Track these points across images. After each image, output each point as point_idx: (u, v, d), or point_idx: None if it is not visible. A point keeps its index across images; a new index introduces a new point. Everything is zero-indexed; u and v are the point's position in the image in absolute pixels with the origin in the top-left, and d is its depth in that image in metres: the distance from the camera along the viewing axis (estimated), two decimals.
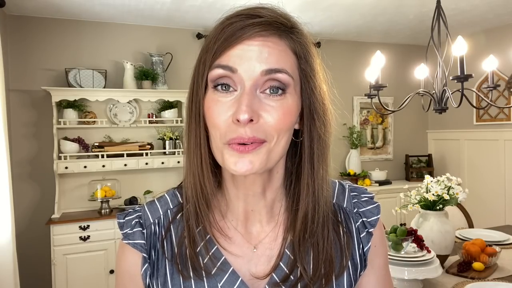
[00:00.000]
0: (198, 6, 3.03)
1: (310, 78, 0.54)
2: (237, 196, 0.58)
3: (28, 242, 3.09)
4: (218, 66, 0.50)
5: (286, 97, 0.51)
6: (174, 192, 0.63)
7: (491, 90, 1.97)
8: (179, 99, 3.38)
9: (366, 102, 4.22)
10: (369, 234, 0.62)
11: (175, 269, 0.57)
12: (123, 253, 0.60)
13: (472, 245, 1.76)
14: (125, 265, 0.60)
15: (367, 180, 4.00)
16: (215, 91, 0.51)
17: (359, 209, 0.63)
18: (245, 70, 0.49)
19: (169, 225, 0.59)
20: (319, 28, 3.71)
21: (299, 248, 0.56)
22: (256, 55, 0.49)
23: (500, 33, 3.67)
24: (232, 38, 0.50)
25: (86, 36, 3.30)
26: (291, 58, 0.52)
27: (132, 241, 0.58)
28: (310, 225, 0.56)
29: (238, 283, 0.55)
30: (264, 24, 0.50)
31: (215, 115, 0.50)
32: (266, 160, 0.50)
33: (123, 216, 0.61)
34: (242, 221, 0.59)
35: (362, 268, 0.62)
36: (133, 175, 3.41)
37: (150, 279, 0.58)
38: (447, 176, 1.77)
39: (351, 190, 0.65)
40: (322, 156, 0.55)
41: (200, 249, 0.56)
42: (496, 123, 3.76)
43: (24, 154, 3.13)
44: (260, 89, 0.50)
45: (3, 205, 2.41)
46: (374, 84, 2.01)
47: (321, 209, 0.56)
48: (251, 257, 0.58)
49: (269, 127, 0.50)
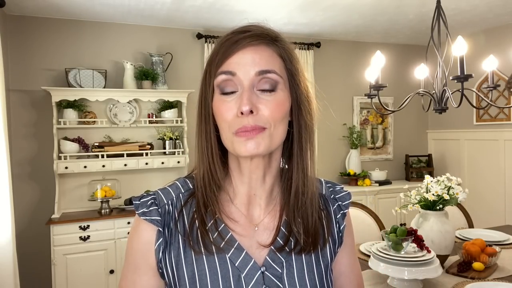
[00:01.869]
0: (198, 6, 3.03)
1: (295, 76, 0.66)
2: (242, 181, 0.69)
3: (28, 242, 3.09)
4: (221, 72, 0.63)
5: (277, 93, 0.63)
6: (185, 180, 0.72)
7: (491, 90, 1.97)
8: (179, 99, 3.38)
9: (366, 102, 4.22)
10: (343, 215, 0.76)
11: (187, 244, 0.65)
12: (138, 230, 0.67)
13: (472, 245, 1.76)
14: (138, 242, 0.67)
15: (367, 180, 4.00)
16: (221, 95, 0.63)
17: (335, 195, 0.77)
18: (243, 73, 0.61)
19: (181, 208, 0.68)
20: (319, 28, 3.71)
21: (294, 217, 0.68)
22: (250, 61, 0.62)
23: (500, 33, 3.67)
24: (229, 50, 0.62)
25: (86, 36, 3.30)
26: (278, 61, 0.64)
27: (149, 217, 0.66)
28: (301, 197, 0.68)
29: (244, 255, 0.65)
30: (253, 36, 0.63)
31: (223, 111, 0.62)
32: (269, 143, 0.62)
33: (138, 198, 0.69)
34: (245, 204, 0.69)
35: (339, 244, 0.75)
36: (133, 175, 3.41)
37: (163, 253, 0.65)
38: (447, 176, 1.77)
39: (326, 182, 0.79)
40: (309, 139, 0.68)
41: (210, 227, 0.65)
42: (496, 123, 3.77)
43: (24, 154, 3.13)
44: (256, 87, 0.62)
45: (3, 205, 2.41)
46: (374, 84, 2.01)
47: (310, 183, 0.68)
48: (253, 235, 0.68)
49: (266, 117, 0.61)
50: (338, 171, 4.18)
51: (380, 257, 1.56)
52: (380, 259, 1.56)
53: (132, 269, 0.67)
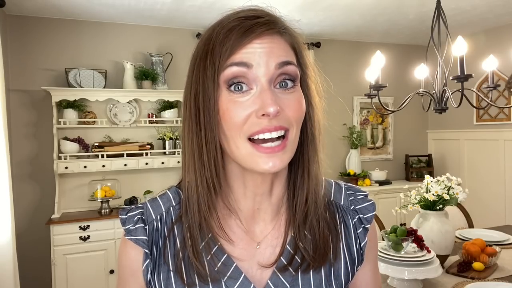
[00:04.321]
0: (198, 6, 3.03)
1: (307, 71, 0.58)
2: (244, 195, 0.59)
3: (28, 242, 3.09)
4: (232, 64, 0.51)
5: (296, 89, 0.54)
6: (176, 190, 0.63)
7: (491, 90, 1.97)
8: (179, 99, 3.38)
9: (366, 102, 4.21)
10: (365, 230, 0.65)
11: (178, 271, 0.57)
12: (125, 248, 0.61)
13: (472, 245, 1.76)
14: (126, 260, 0.60)
15: (367, 180, 4.00)
16: (230, 92, 0.51)
17: (356, 206, 0.66)
18: (260, 65, 0.51)
19: (172, 225, 0.60)
20: (319, 28, 3.71)
21: (300, 231, 0.59)
22: (268, 51, 0.51)
23: (500, 33, 3.67)
24: (241, 38, 0.51)
25: (86, 36, 3.30)
26: (292, 53, 0.55)
27: (134, 237, 0.59)
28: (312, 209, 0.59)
29: (242, 279, 0.57)
30: (268, 23, 0.53)
31: (234, 113, 0.51)
32: (291, 154, 0.54)
33: (125, 212, 0.62)
34: (246, 219, 0.60)
35: (360, 263, 0.64)
36: (133, 175, 3.40)
37: (151, 275, 0.58)
38: (447, 176, 1.77)
39: (347, 189, 0.68)
40: (320, 142, 0.60)
41: (203, 249, 0.57)
42: (496, 123, 3.76)
43: (24, 154, 3.13)
44: (274, 84, 0.52)
45: (3, 205, 2.41)
46: (374, 84, 2.00)
47: (317, 193, 0.60)
48: (253, 254, 0.59)
49: (289, 117, 0.52)
50: (338, 171, 4.18)
51: (380, 257, 1.56)
52: (380, 259, 1.56)
53: (123, 283, 0.62)
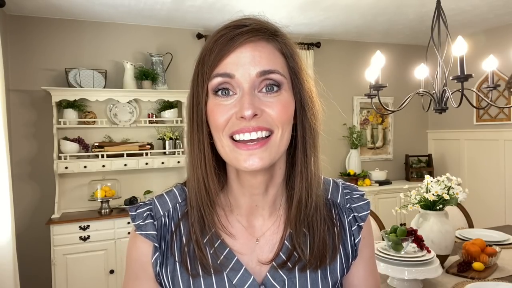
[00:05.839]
0: (198, 6, 3.03)
1: (298, 75, 0.59)
2: (242, 193, 0.63)
3: (28, 242, 3.09)
4: (216, 75, 0.55)
5: (281, 93, 0.56)
6: (182, 187, 0.67)
7: (491, 90, 1.97)
8: (179, 99, 3.38)
9: (366, 102, 4.21)
10: (359, 228, 0.68)
11: (183, 262, 0.61)
12: (135, 243, 0.65)
13: (472, 245, 1.76)
14: (137, 253, 0.64)
15: (367, 180, 4.00)
16: (216, 96, 0.56)
17: (351, 205, 0.69)
18: (242, 74, 0.54)
19: (178, 221, 0.64)
20: (319, 28, 3.71)
21: (297, 230, 0.62)
22: (249, 60, 0.54)
23: (500, 33, 3.67)
24: (225, 48, 0.54)
25: (86, 36, 3.30)
26: (280, 58, 0.57)
27: (144, 231, 0.63)
28: (303, 209, 0.61)
29: (242, 271, 0.61)
30: (251, 31, 0.55)
31: (217, 115, 0.55)
32: (274, 153, 0.56)
33: (134, 209, 0.66)
34: (246, 215, 0.64)
35: (353, 258, 0.68)
36: (133, 175, 3.40)
37: (160, 267, 0.63)
38: (447, 176, 1.77)
39: (344, 187, 0.71)
40: (314, 144, 0.61)
41: (207, 243, 0.61)
42: (496, 123, 3.77)
43: (24, 154, 3.13)
44: (258, 89, 0.55)
45: (3, 205, 2.41)
46: (374, 84, 2.00)
47: (314, 193, 0.62)
48: (253, 248, 0.63)
49: (272, 119, 0.55)
50: (338, 171, 4.18)
51: (380, 257, 1.56)
52: (380, 259, 1.56)
53: (133, 277, 0.66)
